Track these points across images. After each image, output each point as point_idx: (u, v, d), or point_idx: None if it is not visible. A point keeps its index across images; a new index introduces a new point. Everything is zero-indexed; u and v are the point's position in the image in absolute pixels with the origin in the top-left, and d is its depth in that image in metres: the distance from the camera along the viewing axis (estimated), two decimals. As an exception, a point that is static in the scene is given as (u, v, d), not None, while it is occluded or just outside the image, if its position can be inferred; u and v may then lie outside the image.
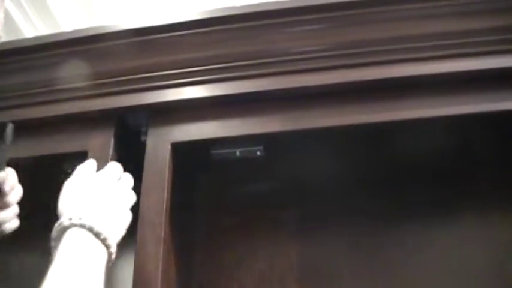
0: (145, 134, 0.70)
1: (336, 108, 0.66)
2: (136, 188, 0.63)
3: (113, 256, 0.53)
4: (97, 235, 0.51)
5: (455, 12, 0.66)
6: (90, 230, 0.51)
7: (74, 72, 0.72)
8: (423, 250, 0.74)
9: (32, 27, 1.29)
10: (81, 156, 0.67)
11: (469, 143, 0.78)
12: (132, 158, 0.68)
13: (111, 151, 0.68)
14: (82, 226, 0.51)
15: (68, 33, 0.75)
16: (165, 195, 0.64)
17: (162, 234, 0.62)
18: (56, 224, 0.52)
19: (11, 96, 0.74)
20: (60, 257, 0.49)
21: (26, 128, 0.68)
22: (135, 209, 0.62)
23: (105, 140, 0.69)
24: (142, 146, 0.69)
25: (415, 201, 0.78)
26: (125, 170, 0.65)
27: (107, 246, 0.52)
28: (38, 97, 0.73)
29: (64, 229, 0.51)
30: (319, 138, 0.73)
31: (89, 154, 0.67)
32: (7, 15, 1.19)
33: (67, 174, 0.62)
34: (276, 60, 0.68)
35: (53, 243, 0.52)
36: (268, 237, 0.79)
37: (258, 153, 0.71)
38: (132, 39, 0.70)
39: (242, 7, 0.68)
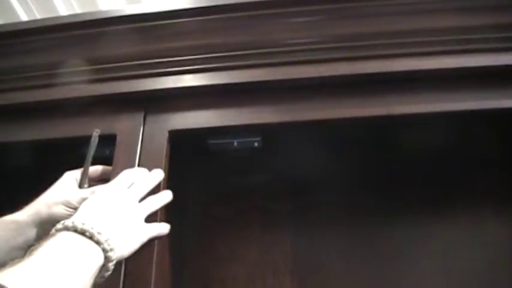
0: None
1: (335, 101, 0.66)
2: None
3: (112, 257, 0.50)
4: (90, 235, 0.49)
5: (458, 8, 0.66)
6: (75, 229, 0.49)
7: (71, 57, 0.71)
8: (416, 245, 0.75)
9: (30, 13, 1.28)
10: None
11: (465, 142, 0.78)
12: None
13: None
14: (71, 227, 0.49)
15: (66, 17, 0.75)
16: (161, 182, 0.63)
17: (157, 222, 0.61)
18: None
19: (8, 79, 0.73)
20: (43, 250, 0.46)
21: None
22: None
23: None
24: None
25: (409, 195, 0.78)
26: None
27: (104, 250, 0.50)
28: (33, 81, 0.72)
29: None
30: (316, 130, 0.73)
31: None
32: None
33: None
34: (276, 51, 0.67)
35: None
36: (262, 228, 0.79)
37: (256, 144, 0.71)
38: (131, 26, 0.70)
39: (241, -4, 0.68)
